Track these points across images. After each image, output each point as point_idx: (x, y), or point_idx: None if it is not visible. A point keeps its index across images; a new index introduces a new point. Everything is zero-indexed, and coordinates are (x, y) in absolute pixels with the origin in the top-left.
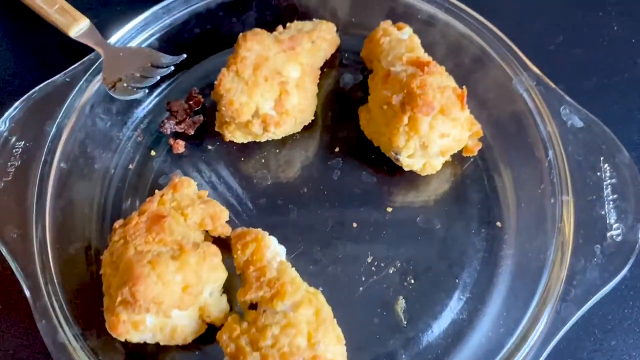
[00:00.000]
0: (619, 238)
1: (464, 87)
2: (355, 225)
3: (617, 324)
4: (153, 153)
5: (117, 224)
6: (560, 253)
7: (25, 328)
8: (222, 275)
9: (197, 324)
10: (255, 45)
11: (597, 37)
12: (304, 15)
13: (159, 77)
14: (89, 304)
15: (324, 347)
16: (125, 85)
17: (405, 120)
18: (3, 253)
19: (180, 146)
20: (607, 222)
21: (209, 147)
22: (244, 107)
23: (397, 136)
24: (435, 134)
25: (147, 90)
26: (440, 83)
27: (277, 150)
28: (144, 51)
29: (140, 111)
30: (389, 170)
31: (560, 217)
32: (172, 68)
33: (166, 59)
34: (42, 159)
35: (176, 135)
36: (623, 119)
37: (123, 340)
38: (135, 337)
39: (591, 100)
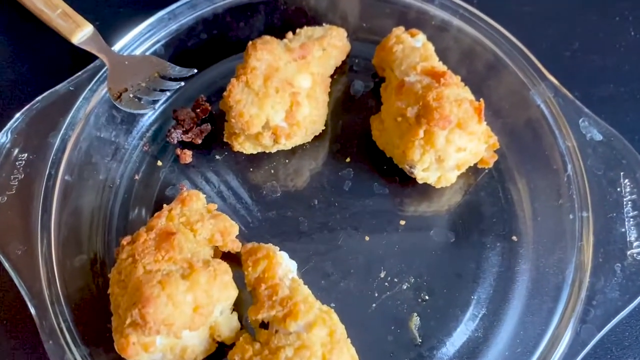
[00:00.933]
0: None
1: (481, 99)
2: (367, 238)
3: (634, 341)
4: (159, 163)
5: (124, 241)
6: (580, 272)
7: (33, 347)
8: (232, 293)
9: (208, 343)
10: (266, 54)
11: (614, 43)
12: (313, 19)
13: (168, 94)
14: (96, 321)
15: None
16: (131, 96)
17: (421, 133)
18: (8, 271)
19: (187, 156)
20: (628, 239)
21: (217, 156)
22: (254, 118)
23: (412, 149)
24: (451, 148)
25: (155, 107)
26: (457, 95)
27: (287, 160)
28: (151, 60)
29: (146, 120)
30: (402, 180)
31: (580, 234)
32: (182, 83)
33: (174, 69)
34: (47, 172)
35: (183, 144)
36: None
37: None
38: (144, 358)
39: (608, 107)
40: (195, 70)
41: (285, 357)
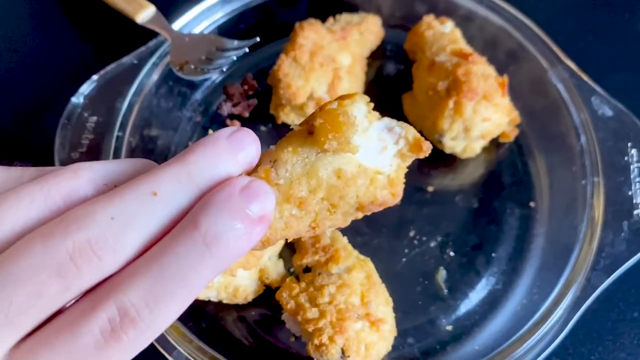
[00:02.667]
0: None
1: (505, 75)
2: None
3: (639, 298)
4: (210, 132)
5: None
6: (591, 228)
7: None
8: (281, 240)
9: (257, 285)
10: (312, 33)
11: (625, 36)
12: (351, 9)
13: (234, 58)
14: None
15: (375, 307)
16: (192, 67)
17: (451, 104)
18: None
19: (236, 126)
20: (634, 201)
21: (262, 128)
22: (300, 90)
23: (442, 119)
24: (478, 117)
25: (224, 69)
26: (483, 71)
27: None
28: (209, 37)
29: (199, 94)
30: (430, 154)
31: (592, 195)
32: (247, 50)
33: (232, 43)
34: (115, 133)
35: (232, 116)
36: None
37: None
38: (201, 294)
39: (618, 94)
40: (258, 39)
41: (328, 293)
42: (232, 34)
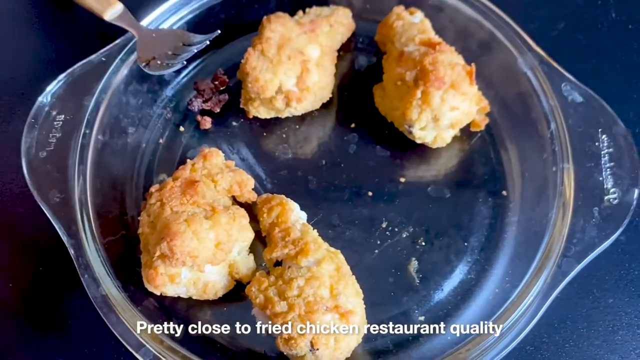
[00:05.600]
0: (615, 201)
1: (472, 64)
2: (370, 194)
3: (614, 284)
4: (181, 129)
5: (153, 189)
6: (562, 214)
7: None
8: (249, 235)
9: (227, 280)
10: (279, 26)
11: (596, 23)
12: (321, 3)
13: (195, 51)
14: (127, 260)
15: (344, 299)
16: (159, 62)
17: (419, 94)
18: (48, 215)
19: (207, 122)
20: (605, 187)
21: (234, 123)
22: (268, 83)
23: (410, 109)
24: (446, 107)
25: (184, 63)
26: (450, 60)
27: (297, 127)
28: (176, 32)
29: (169, 90)
30: (402, 144)
31: (562, 182)
32: (208, 42)
33: (197, 38)
34: (82, 131)
35: (203, 112)
36: (620, 99)
37: (159, 293)
38: (170, 290)
39: (590, 81)
40: (219, 32)
41: (297, 286)
42: (201, 29)
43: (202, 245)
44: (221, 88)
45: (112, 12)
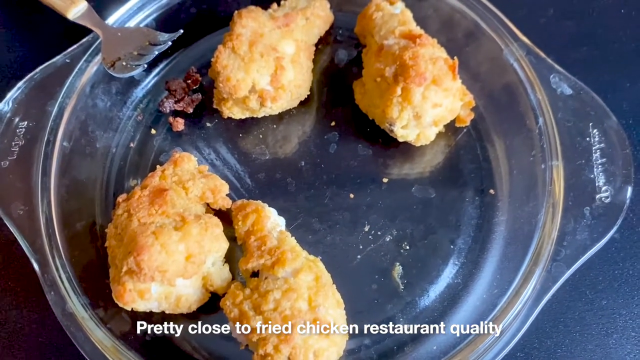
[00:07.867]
0: (608, 200)
1: (455, 57)
2: (352, 196)
3: (608, 285)
4: (153, 131)
5: (120, 199)
6: (551, 215)
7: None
8: (223, 245)
9: (201, 292)
10: (251, 22)
11: (587, 9)
12: None
13: (157, 53)
14: (95, 278)
15: (324, 310)
16: (124, 64)
17: (399, 91)
18: (11, 229)
19: (179, 124)
20: (596, 185)
21: (208, 124)
22: (240, 83)
23: (390, 107)
24: (427, 104)
25: (145, 66)
26: (432, 54)
27: (275, 126)
28: (142, 31)
29: (140, 91)
30: (385, 142)
31: (551, 181)
32: (170, 44)
33: (163, 36)
34: (45, 138)
35: (175, 113)
36: (612, 88)
37: (129, 309)
38: (141, 306)
39: (581, 70)
40: (182, 31)
41: (273, 299)
42: (172, 25)
43: (171, 259)
44: (194, 87)
45: (76, 10)
